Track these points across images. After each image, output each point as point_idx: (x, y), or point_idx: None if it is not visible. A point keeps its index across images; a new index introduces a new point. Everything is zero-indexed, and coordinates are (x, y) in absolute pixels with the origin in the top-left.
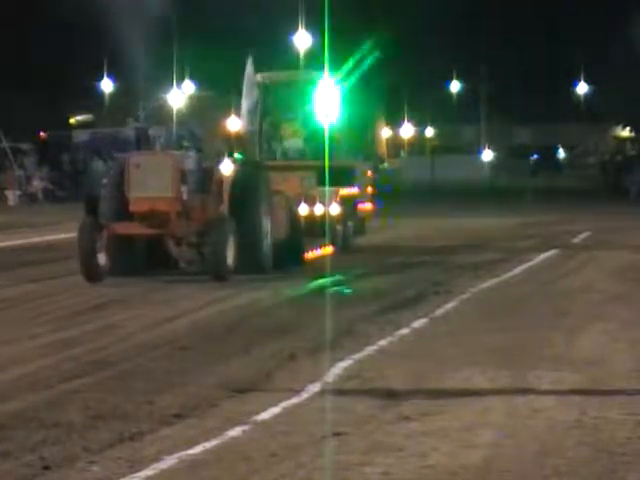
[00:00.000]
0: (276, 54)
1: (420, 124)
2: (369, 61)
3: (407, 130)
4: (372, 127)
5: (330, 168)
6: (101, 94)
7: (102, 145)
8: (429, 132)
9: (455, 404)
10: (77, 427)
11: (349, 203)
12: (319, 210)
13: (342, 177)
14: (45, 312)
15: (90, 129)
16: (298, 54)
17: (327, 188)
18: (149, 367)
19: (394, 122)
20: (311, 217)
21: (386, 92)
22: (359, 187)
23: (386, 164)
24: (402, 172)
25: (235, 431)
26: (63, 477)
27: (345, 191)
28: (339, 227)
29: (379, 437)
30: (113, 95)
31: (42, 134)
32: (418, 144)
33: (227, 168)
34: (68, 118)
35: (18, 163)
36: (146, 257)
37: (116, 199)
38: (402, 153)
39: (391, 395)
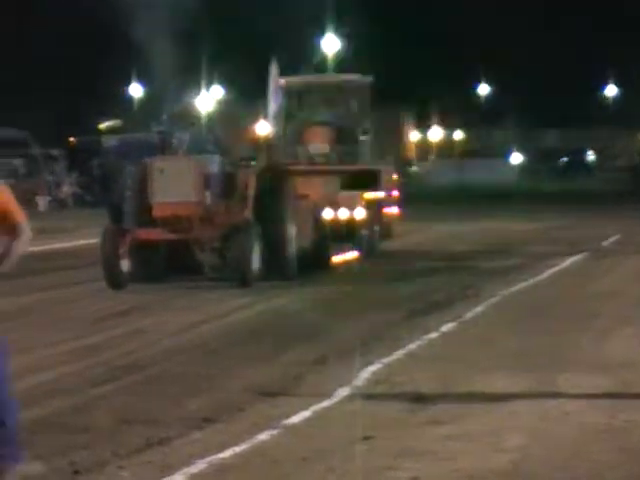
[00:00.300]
0: (302, 58)
1: (449, 127)
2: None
3: (436, 133)
4: (398, 130)
5: (355, 172)
6: (130, 99)
7: (131, 150)
8: (458, 135)
9: (484, 408)
10: (106, 432)
11: (374, 207)
12: (344, 215)
13: (367, 181)
14: (71, 318)
15: (119, 134)
16: (325, 57)
17: (352, 192)
18: (177, 371)
19: (423, 125)
20: (336, 222)
21: (414, 95)
22: (385, 191)
23: (414, 167)
24: (431, 175)
25: (264, 435)
26: None
27: (370, 195)
28: (364, 231)
29: (408, 441)
30: (141, 100)
31: (71, 140)
32: (447, 147)
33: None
34: (97, 124)
35: (48, 169)
36: (169, 263)
37: (139, 204)
38: (431, 156)
39: (420, 399)
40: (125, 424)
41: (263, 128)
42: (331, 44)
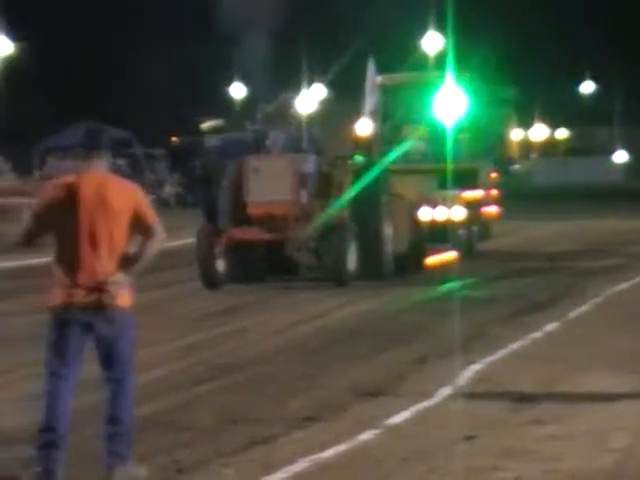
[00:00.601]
0: (403, 56)
1: (551, 125)
2: (495, 61)
3: (538, 131)
4: (501, 128)
5: (453, 171)
6: (232, 99)
7: (233, 150)
8: (560, 133)
9: (587, 408)
10: (209, 430)
11: (473, 207)
12: (441, 214)
13: (465, 180)
14: (173, 317)
15: (221, 134)
16: (426, 56)
17: (450, 191)
18: (279, 371)
19: (525, 124)
20: (433, 221)
21: (516, 93)
22: (483, 190)
23: (517, 166)
24: (532, 174)
25: (366, 435)
26: None
27: (469, 194)
28: (462, 231)
29: (511, 441)
30: (243, 100)
31: (174, 139)
32: (549, 146)
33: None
34: (199, 123)
35: (150, 169)
36: (265, 263)
37: (234, 204)
38: (533, 155)
39: (523, 398)
40: (228, 423)
41: (364, 127)
42: (433, 42)
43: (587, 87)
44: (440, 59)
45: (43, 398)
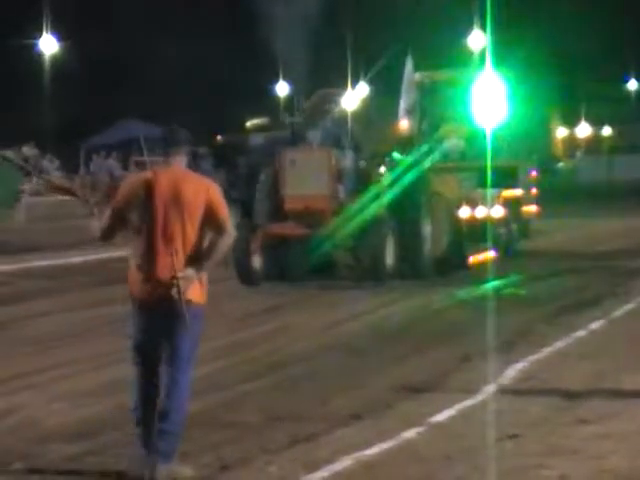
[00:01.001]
0: (446, 54)
1: (597, 123)
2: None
3: (584, 129)
4: (545, 126)
5: (492, 169)
6: (276, 98)
7: (278, 148)
8: (606, 131)
9: (633, 406)
10: (253, 428)
11: (512, 205)
12: (481, 213)
13: (505, 178)
14: (217, 315)
15: (265, 132)
16: (471, 53)
17: (489, 190)
18: (323, 368)
19: (571, 121)
20: (473, 220)
21: (562, 90)
22: (523, 188)
23: (562, 164)
24: (578, 172)
25: (410, 432)
26: (240, 477)
27: (508, 193)
28: (502, 230)
29: (555, 440)
30: (287, 98)
31: (218, 138)
32: (595, 144)
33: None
34: (244, 121)
35: (195, 167)
36: (302, 261)
37: (271, 199)
38: (578, 153)
39: (567, 397)
40: (272, 420)
41: (402, 124)
42: (478, 40)
43: (633, 85)
44: (484, 57)
45: (133, 381)
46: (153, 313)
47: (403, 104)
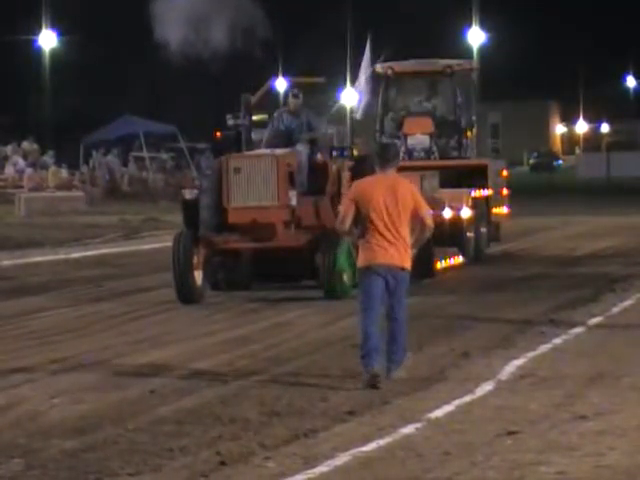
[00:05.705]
0: (444, 50)
1: (596, 120)
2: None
3: (582, 126)
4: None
5: (459, 167)
6: (276, 93)
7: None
8: (605, 128)
9: (632, 403)
10: (253, 423)
11: (482, 206)
12: (447, 215)
13: (473, 177)
14: (218, 311)
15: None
16: (469, 49)
17: (456, 190)
18: (323, 364)
19: (569, 118)
20: (439, 223)
21: (559, 88)
22: (493, 188)
23: (559, 161)
24: (576, 169)
25: (408, 429)
26: (239, 473)
27: (477, 193)
28: (470, 234)
29: (554, 436)
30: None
31: (218, 133)
32: (593, 140)
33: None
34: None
35: (194, 162)
36: (251, 269)
37: (215, 208)
38: (577, 150)
39: (566, 393)
40: (271, 416)
41: (360, 117)
42: (476, 37)
43: (631, 82)
44: (479, 52)
45: (360, 325)
46: (378, 274)
47: (359, 94)
